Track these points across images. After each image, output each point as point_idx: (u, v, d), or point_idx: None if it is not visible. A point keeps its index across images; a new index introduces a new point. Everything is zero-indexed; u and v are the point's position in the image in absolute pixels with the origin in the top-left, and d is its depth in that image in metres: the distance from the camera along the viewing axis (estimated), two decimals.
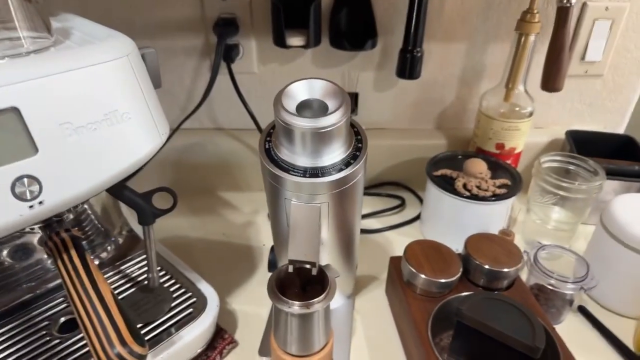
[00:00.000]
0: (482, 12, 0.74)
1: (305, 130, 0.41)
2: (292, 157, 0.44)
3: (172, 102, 0.80)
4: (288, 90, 0.43)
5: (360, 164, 0.44)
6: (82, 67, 0.34)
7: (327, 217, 0.47)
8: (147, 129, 0.39)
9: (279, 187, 0.44)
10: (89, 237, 0.58)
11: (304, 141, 0.42)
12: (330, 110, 0.42)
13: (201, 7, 0.71)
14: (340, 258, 0.54)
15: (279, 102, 0.42)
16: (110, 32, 0.40)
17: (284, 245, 0.51)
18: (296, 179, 0.43)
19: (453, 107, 0.84)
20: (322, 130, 0.41)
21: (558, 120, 0.86)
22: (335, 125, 0.41)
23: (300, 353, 0.44)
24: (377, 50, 0.76)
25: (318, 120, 0.41)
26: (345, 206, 0.47)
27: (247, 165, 0.82)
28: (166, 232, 0.73)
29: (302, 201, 0.44)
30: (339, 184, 0.43)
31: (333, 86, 0.44)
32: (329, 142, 0.43)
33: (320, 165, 0.43)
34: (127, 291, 0.55)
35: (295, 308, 0.41)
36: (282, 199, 0.45)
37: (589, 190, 0.64)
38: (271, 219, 0.53)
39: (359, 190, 0.48)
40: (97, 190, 0.37)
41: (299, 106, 0.43)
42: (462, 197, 0.65)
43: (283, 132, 0.43)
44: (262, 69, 0.77)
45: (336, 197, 0.45)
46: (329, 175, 0.43)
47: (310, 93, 0.44)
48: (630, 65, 0.80)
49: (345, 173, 0.43)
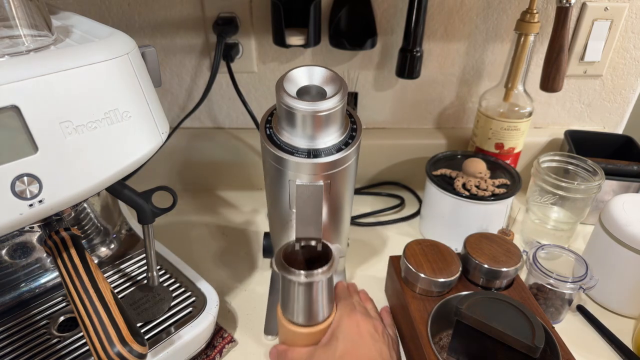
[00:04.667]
0: (482, 11, 0.74)
1: (305, 113, 0.44)
2: (293, 140, 0.47)
3: (172, 100, 0.80)
4: (289, 75, 0.47)
5: (355, 146, 0.48)
6: (82, 66, 0.34)
7: (324, 196, 0.51)
8: (147, 127, 0.39)
9: (283, 169, 0.48)
10: (88, 236, 0.58)
11: (304, 124, 0.46)
12: (328, 95, 0.46)
13: (201, 6, 0.71)
14: (332, 235, 0.56)
15: (282, 86, 0.46)
16: (110, 31, 0.40)
17: (285, 227, 0.54)
18: (300, 160, 0.46)
19: (452, 106, 0.84)
20: (321, 114, 0.45)
21: (557, 120, 0.86)
22: (333, 109, 0.45)
23: (306, 323, 0.49)
24: (377, 49, 0.76)
25: (318, 103, 0.44)
26: (340, 186, 0.51)
27: (247, 164, 0.82)
28: (166, 231, 0.73)
29: (304, 181, 0.48)
30: (337, 164, 0.47)
31: (331, 73, 0.48)
32: (328, 124, 0.46)
33: (321, 147, 0.47)
34: (127, 290, 0.55)
35: (301, 277, 0.45)
36: (286, 180, 0.49)
37: (587, 190, 0.65)
38: (270, 204, 0.56)
39: (353, 172, 0.52)
40: (97, 189, 0.37)
41: (299, 91, 0.47)
42: (462, 196, 0.65)
43: (285, 115, 0.46)
44: (261, 68, 0.77)
45: (333, 177, 0.49)
46: (329, 156, 0.47)
47: (310, 79, 0.48)
48: (629, 65, 0.80)
49: (343, 154, 0.47)
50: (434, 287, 0.53)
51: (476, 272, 0.55)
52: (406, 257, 0.55)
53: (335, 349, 0.46)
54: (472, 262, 0.55)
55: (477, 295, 0.48)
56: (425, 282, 0.53)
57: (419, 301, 0.53)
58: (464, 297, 0.47)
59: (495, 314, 0.46)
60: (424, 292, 0.54)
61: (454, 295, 0.54)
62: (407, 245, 0.57)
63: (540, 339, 0.43)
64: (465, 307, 0.46)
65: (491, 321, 0.45)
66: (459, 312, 0.46)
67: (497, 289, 0.55)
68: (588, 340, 0.57)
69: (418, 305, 0.53)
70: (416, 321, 0.51)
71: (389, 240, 0.75)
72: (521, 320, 0.45)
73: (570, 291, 0.56)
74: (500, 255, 0.55)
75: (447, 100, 0.83)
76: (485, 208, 0.66)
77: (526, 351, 0.43)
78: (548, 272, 0.56)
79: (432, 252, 0.56)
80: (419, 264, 0.54)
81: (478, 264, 0.54)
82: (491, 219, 0.67)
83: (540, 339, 0.43)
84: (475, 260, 0.54)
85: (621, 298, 0.60)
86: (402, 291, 0.55)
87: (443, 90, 0.82)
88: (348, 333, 0.48)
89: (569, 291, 0.56)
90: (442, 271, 0.54)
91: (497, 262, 0.54)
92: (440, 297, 0.54)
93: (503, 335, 0.44)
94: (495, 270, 0.54)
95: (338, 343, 0.47)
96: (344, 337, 0.47)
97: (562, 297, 0.57)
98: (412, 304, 0.53)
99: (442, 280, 0.53)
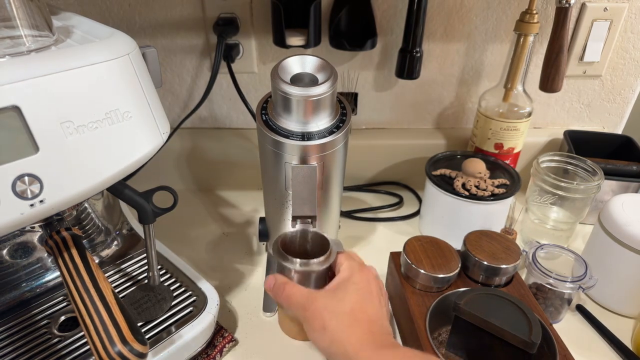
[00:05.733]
0: (482, 12, 0.74)
1: (299, 98, 0.48)
2: (288, 124, 0.51)
3: (173, 101, 0.80)
4: (283, 64, 0.51)
5: (346, 129, 0.53)
6: (83, 66, 0.34)
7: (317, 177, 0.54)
8: (148, 127, 0.39)
9: (279, 152, 0.52)
10: (89, 236, 0.58)
11: (298, 108, 0.50)
12: (320, 81, 0.50)
13: (201, 6, 0.71)
14: (323, 214, 0.59)
15: (277, 74, 0.50)
16: (111, 31, 0.40)
17: (281, 209, 0.58)
18: (295, 143, 0.50)
19: (452, 107, 0.84)
20: (313, 98, 0.49)
21: (557, 120, 0.86)
22: (324, 94, 0.49)
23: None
24: (377, 50, 0.76)
25: (310, 89, 0.48)
26: (331, 168, 0.55)
27: (248, 164, 0.82)
28: (167, 231, 0.73)
29: (299, 163, 0.52)
30: (329, 146, 0.52)
31: (322, 61, 0.52)
32: (320, 109, 0.50)
33: (314, 130, 0.51)
34: (128, 289, 0.55)
35: (297, 265, 0.47)
36: (282, 163, 0.52)
37: (587, 190, 0.65)
38: (266, 188, 0.59)
39: (342, 154, 0.56)
40: (98, 189, 0.37)
41: (292, 79, 0.51)
42: (461, 196, 0.65)
43: (280, 101, 0.50)
44: (262, 69, 0.78)
45: (325, 159, 0.53)
46: (322, 138, 0.51)
47: (303, 67, 0.51)
48: (628, 66, 0.80)
49: (334, 136, 0.51)
50: (433, 283, 0.54)
51: (475, 268, 0.55)
52: (406, 253, 0.56)
53: (343, 301, 0.43)
54: (472, 258, 0.55)
55: (476, 291, 0.49)
56: (425, 277, 0.54)
57: (418, 297, 0.54)
58: (463, 293, 0.48)
59: (493, 310, 0.46)
60: (423, 287, 0.54)
61: (452, 291, 0.54)
62: (407, 241, 0.58)
63: (537, 334, 0.43)
64: (464, 302, 0.46)
65: (489, 317, 0.45)
66: (457, 307, 0.46)
67: (497, 286, 0.55)
68: (587, 339, 0.58)
69: (417, 300, 0.53)
70: (415, 316, 0.51)
71: (390, 238, 0.75)
72: (519, 316, 0.45)
73: (569, 291, 0.56)
74: (499, 253, 0.55)
75: (446, 100, 0.83)
76: (485, 208, 0.66)
77: (523, 347, 0.43)
78: (547, 271, 0.56)
79: (431, 249, 0.57)
80: (419, 260, 0.55)
81: (477, 261, 0.54)
82: (491, 219, 0.67)
83: (537, 335, 0.43)
84: (475, 257, 0.55)
85: (620, 298, 0.60)
86: (402, 287, 0.55)
87: (442, 91, 0.82)
88: (359, 287, 0.45)
89: (569, 291, 0.56)
90: (441, 267, 0.54)
91: (496, 259, 0.54)
92: (439, 293, 0.54)
93: (500, 331, 0.44)
94: (495, 267, 0.54)
95: (347, 295, 0.44)
96: (356, 290, 0.44)
97: (562, 297, 0.57)
98: (412, 299, 0.53)
99: (442, 276, 0.53)
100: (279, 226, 0.61)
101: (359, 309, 0.43)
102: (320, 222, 0.60)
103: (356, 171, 0.84)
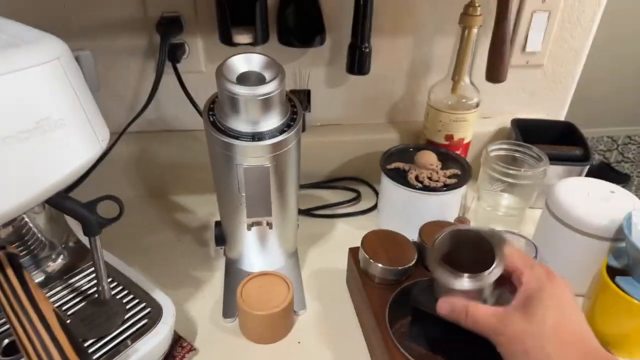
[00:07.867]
0: (428, 5, 0.75)
1: (247, 97, 0.47)
2: (237, 125, 0.50)
3: (118, 104, 0.77)
4: (228, 63, 0.50)
5: (297, 128, 0.52)
6: (7, 72, 0.32)
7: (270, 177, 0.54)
8: (85, 135, 0.37)
9: (229, 154, 0.51)
10: (32, 252, 0.55)
11: (247, 108, 0.49)
12: (267, 80, 0.49)
13: (143, 5, 0.68)
14: (279, 214, 0.59)
15: (222, 74, 0.48)
16: (39, 34, 0.37)
17: (235, 212, 0.57)
18: (246, 144, 0.49)
19: (403, 101, 0.85)
20: (261, 97, 0.48)
21: (503, 109, 0.89)
22: (272, 92, 0.48)
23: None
24: (327, 46, 0.76)
25: (258, 88, 0.47)
26: (284, 168, 0.54)
27: (200, 166, 0.79)
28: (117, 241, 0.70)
29: (251, 164, 0.51)
30: (281, 145, 0.51)
31: (269, 59, 0.50)
32: (269, 108, 0.49)
33: (265, 130, 0.50)
34: (77, 305, 0.52)
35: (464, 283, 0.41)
36: (234, 165, 0.51)
37: (534, 176, 0.67)
38: (219, 191, 0.59)
39: (295, 153, 0.55)
40: (33, 204, 0.35)
41: (238, 78, 0.49)
42: (415, 188, 0.66)
43: (228, 101, 0.49)
44: (209, 68, 0.76)
45: (278, 159, 0.52)
46: (273, 138, 0.50)
47: (249, 66, 0.50)
48: (567, 54, 0.84)
49: (285, 135, 0.51)
50: (391, 276, 0.54)
51: None
52: (363, 248, 0.56)
53: (544, 318, 0.38)
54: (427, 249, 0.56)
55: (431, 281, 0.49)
56: (382, 271, 0.54)
57: (377, 290, 0.54)
58: (418, 283, 0.48)
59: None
60: (382, 281, 0.55)
61: (410, 282, 0.54)
62: (365, 236, 0.58)
63: None
64: (417, 292, 0.47)
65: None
66: (412, 297, 0.47)
67: None
68: None
69: (377, 294, 0.54)
70: (375, 310, 0.51)
71: (349, 233, 0.75)
72: None
73: None
74: None
75: (397, 94, 0.84)
76: (439, 199, 0.67)
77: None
78: None
79: (388, 242, 0.57)
80: (376, 253, 0.55)
81: None
82: (446, 209, 0.69)
83: None
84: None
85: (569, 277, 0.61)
86: (361, 281, 0.56)
87: (393, 85, 0.83)
88: (556, 299, 0.39)
89: None
90: (398, 260, 0.55)
91: None
92: (397, 284, 0.55)
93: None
94: None
95: (546, 311, 0.38)
96: (553, 304, 0.39)
97: None
98: (371, 293, 0.54)
99: (399, 268, 0.54)
100: (235, 230, 0.59)
101: (565, 328, 0.38)
102: (277, 222, 0.60)
103: (312, 168, 0.84)
